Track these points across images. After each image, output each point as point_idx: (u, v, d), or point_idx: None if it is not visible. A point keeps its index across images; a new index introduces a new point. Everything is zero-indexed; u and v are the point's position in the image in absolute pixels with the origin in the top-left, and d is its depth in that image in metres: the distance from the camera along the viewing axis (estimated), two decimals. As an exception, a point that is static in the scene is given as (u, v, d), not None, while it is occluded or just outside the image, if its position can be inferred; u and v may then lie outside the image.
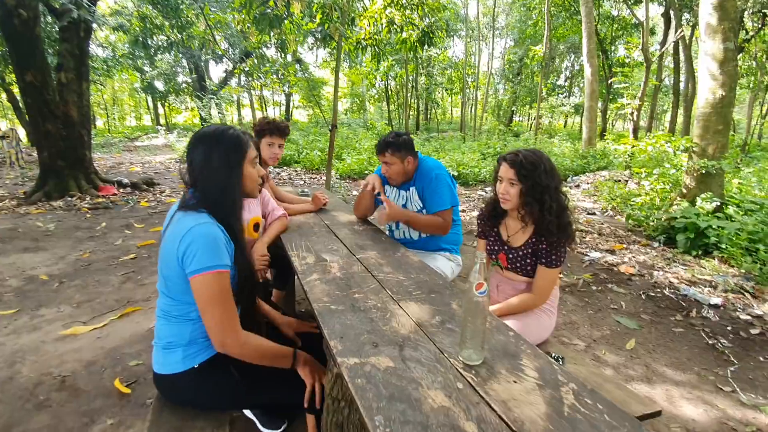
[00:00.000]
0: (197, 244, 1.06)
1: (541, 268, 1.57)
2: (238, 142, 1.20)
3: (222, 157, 1.17)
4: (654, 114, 14.93)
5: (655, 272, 3.71)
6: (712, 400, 2.08)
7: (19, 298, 3.00)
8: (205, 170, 1.16)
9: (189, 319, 1.18)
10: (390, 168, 2.09)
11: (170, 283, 1.14)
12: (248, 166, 1.23)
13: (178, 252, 1.08)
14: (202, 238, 1.07)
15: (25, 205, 5.77)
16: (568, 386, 0.91)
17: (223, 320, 1.09)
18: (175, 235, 1.09)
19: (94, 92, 22.25)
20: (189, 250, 1.06)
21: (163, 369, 1.19)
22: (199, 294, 1.08)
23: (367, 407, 0.83)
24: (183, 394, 1.22)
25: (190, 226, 1.08)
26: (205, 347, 1.20)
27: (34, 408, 1.91)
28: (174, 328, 1.18)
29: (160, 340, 1.20)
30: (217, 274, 1.07)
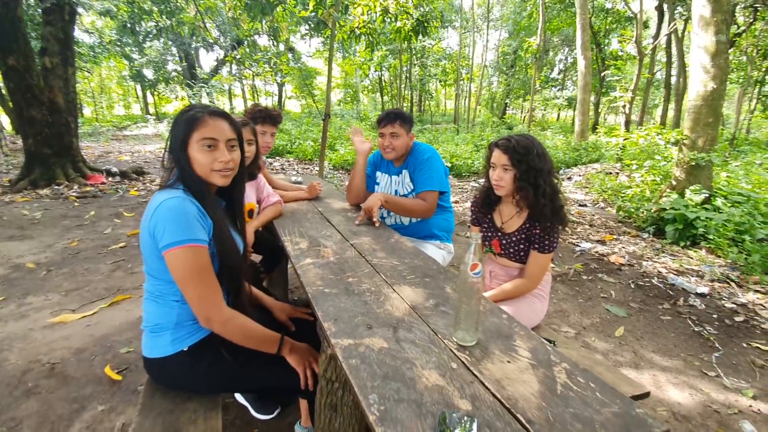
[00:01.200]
0: (166, 218, 1.04)
1: (534, 254, 1.58)
2: (184, 124, 1.14)
3: (173, 137, 1.15)
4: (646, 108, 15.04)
5: (644, 262, 3.76)
6: (697, 385, 2.13)
7: (5, 286, 2.95)
8: (169, 150, 1.17)
9: (173, 300, 1.15)
10: (395, 140, 2.07)
11: (149, 262, 1.12)
12: (193, 148, 1.13)
13: (150, 228, 1.06)
14: (170, 212, 1.04)
15: (10, 193, 5.65)
16: (561, 366, 0.92)
17: (203, 295, 1.07)
18: (148, 211, 1.08)
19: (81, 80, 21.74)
20: (159, 225, 1.04)
21: (152, 353, 1.17)
22: (174, 269, 1.05)
23: (362, 386, 0.83)
24: (173, 377, 1.20)
25: (160, 200, 1.06)
26: (194, 330, 1.19)
27: (22, 395, 1.89)
28: (159, 309, 1.16)
29: (148, 324, 1.18)
30: (190, 248, 1.04)
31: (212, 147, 1.14)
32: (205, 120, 1.14)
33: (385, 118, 2.07)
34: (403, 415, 0.76)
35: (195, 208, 1.09)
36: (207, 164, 1.14)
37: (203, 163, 1.14)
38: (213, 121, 1.15)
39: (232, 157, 1.17)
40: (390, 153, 2.10)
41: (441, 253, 2.19)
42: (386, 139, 2.08)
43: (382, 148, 2.10)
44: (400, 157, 2.16)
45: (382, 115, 2.09)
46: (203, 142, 1.13)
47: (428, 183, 2.04)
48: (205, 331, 1.20)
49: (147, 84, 24.51)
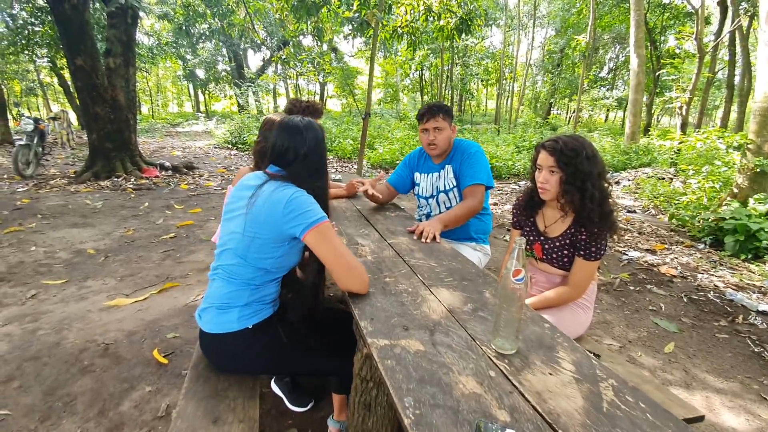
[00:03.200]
0: (303, 206, 1.17)
1: (579, 261, 1.51)
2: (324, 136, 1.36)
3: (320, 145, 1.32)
4: (705, 109, 14.04)
5: (699, 275, 3.51)
6: (755, 410, 1.96)
7: (68, 270, 3.20)
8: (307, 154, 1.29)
9: (251, 285, 1.23)
10: (439, 134, 2.04)
11: (255, 245, 1.20)
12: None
13: (282, 218, 1.16)
14: (305, 201, 1.18)
15: (75, 183, 6.12)
16: (608, 382, 0.87)
17: (353, 264, 1.20)
18: (277, 202, 1.17)
19: (140, 79, 23.17)
20: (294, 212, 1.16)
21: (216, 328, 1.23)
22: (320, 244, 1.17)
23: (397, 388, 0.82)
24: (231, 355, 1.26)
25: (290, 193, 1.18)
26: (260, 309, 1.26)
27: (78, 372, 2.03)
28: (233, 288, 1.23)
29: (215, 301, 1.24)
30: (326, 223, 1.18)
31: None
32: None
33: (427, 112, 2.04)
34: (439, 421, 0.74)
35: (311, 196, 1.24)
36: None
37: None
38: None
39: None
40: (434, 149, 2.07)
41: (477, 255, 2.15)
42: (430, 134, 2.04)
43: (427, 145, 2.07)
44: (441, 153, 2.13)
45: (423, 110, 2.06)
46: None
47: (477, 176, 1.99)
48: (268, 311, 1.28)
49: (199, 83, 25.75)
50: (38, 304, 2.67)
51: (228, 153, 10.45)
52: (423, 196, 2.24)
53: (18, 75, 18.76)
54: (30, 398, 1.84)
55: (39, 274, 3.11)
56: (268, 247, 1.20)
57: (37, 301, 2.71)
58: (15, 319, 2.47)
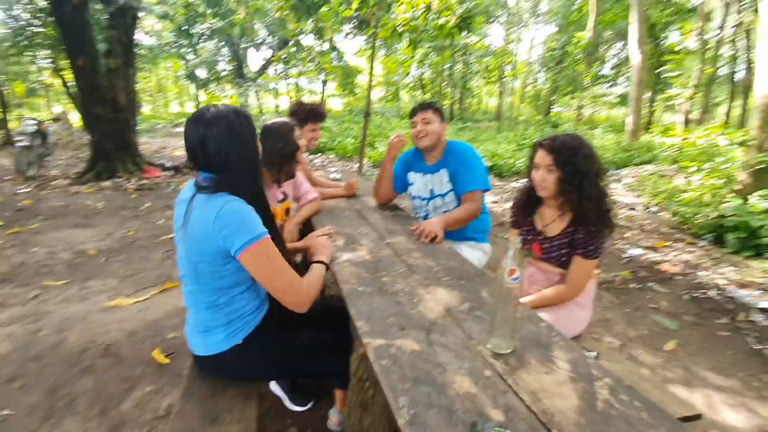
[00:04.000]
0: (234, 222, 1.05)
1: (578, 259, 1.51)
2: (251, 121, 1.18)
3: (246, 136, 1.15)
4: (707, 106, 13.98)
5: (700, 272, 3.50)
6: (756, 408, 1.96)
7: (69, 271, 3.21)
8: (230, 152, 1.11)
9: (218, 305, 1.17)
10: (428, 126, 2.04)
11: (201, 268, 1.12)
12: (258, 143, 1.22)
13: (215, 235, 1.05)
14: (237, 215, 1.06)
15: (77, 184, 6.14)
16: (603, 381, 0.87)
17: (290, 283, 1.13)
18: (206, 220, 1.06)
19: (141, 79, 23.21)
20: (226, 230, 1.05)
21: (205, 351, 1.21)
22: (255, 268, 1.08)
23: (392, 388, 0.83)
24: (227, 369, 1.25)
25: (219, 206, 1.06)
26: (246, 323, 1.22)
27: (79, 372, 2.04)
28: (206, 313, 1.18)
29: (196, 327, 1.21)
30: (264, 241, 1.08)
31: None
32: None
33: (417, 107, 2.07)
34: (433, 421, 0.75)
35: (250, 207, 1.12)
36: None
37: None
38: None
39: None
40: (423, 140, 2.05)
41: (477, 254, 2.15)
42: (419, 125, 2.05)
43: (416, 137, 2.06)
44: (434, 154, 2.12)
45: (413, 107, 2.09)
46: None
47: (475, 182, 2.00)
48: (256, 321, 1.25)
49: (199, 83, 25.76)
50: (40, 305, 2.69)
51: (229, 153, 10.46)
52: (418, 196, 2.23)
53: (20, 76, 18.82)
54: (32, 398, 1.86)
55: (41, 274, 3.13)
56: (216, 267, 1.11)
57: (39, 302, 2.73)
58: (17, 320, 2.49)
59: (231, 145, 1.11)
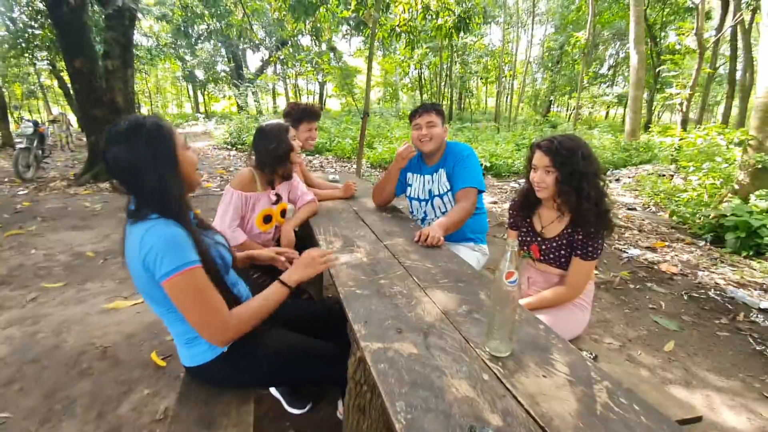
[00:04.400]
0: (155, 249, 0.98)
1: (576, 260, 1.50)
2: (165, 137, 1.05)
3: (153, 158, 1.02)
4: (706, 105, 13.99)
5: (700, 272, 3.50)
6: (757, 409, 1.95)
7: (67, 273, 3.20)
8: (135, 171, 1.02)
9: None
10: (432, 129, 2.03)
11: (149, 291, 1.07)
12: (181, 151, 1.08)
13: (142, 264, 1.00)
14: (159, 242, 0.98)
15: (75, 186, 6.12)
16: (602, 384, 0.87)
17: (206, 319, 1.04)
18: (132, 248, 1.01)
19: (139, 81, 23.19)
20: (148, 258, 0.98)
21: (192, 362, 1.19)
22: (175, 297, 1.01)
23: (389, 392, 0.82)
24: (216, 379, 1.23)
25: (141, 234, 0.99)
26: None
27: (77, 375, 2.03)
28: (184, 327, 1.14)
29: (179, 338, 1.19)
30: (188, 272, 0.99)
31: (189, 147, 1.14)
32: (171, 128, 1.08)
33: (420, 109, 2.05)
34: (431, 425, 0.74)
35: (179, 229, 1.03)
36: (194, 163, 1.13)
37: (193, 162, 1.13)
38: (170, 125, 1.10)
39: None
40: (428, 143, 2.04)
41: (475, 255, 2.14)
42: (423, 128, 2.03)
43: (419, 140, 2.05)
44: (435, 156, 2.12)
45: (415, 108, 2.07)
46: (186, 143, 1.12)
47: (469, 180, 1.99)
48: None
49: (198, 84, 25.76)
50: (38, 307, 2.67)
51: (227, 154, 10.44)
52: (416, 198, 2.23)
53: (19, 78, 18.81)
54: (30, 401, 1.85)
55: (39, 277, 3.11)
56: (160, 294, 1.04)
57: (37, 304, 2.71)
58: (15, 322, 2.48)
59: (135, 162, 1.01)
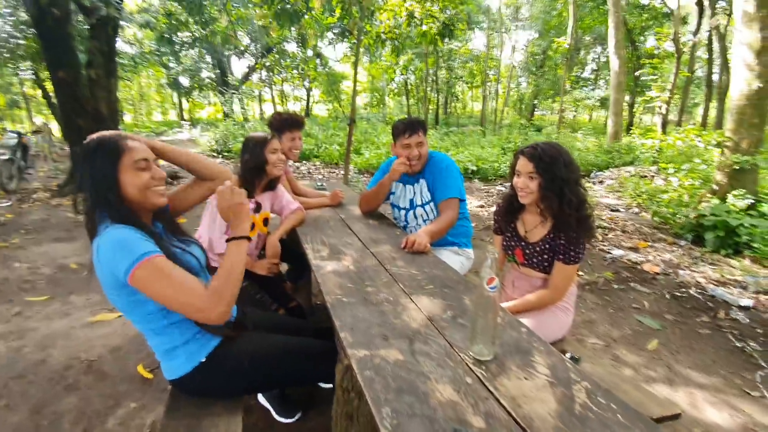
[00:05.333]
0: (110, 252, 1.00)
1: (559, 265, 1.54)
2: (106, 157, 1.08)
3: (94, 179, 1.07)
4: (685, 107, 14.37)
5: (681, 271, 3.59)
6: (738, 405, 2.01)
7: (51, 286, 3.14)
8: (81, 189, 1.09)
9: (165, 325, 1.14)
10: (422, 149, 2.05)
11: (121, 303, 1.09)
12: (126, 175, 1.09)
13: (104, 271, 1.03)
14: (110, 244, 1.01)
15: (58, 197, 6.02)
16: (581, 384, 0.90)
17: (186, 300, 1.03)
18: (96, 261, 1.04)
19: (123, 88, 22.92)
20: (107, 263, 1.01)
21: (173, 374, 1.19)
22: (145, 290, 1.01)
23: (375, 399, 0.84)
24: (200, 389, 1.23)
25: (96, 245, 1.04)
26: (205, 341, 1.20)
27: (63, 390, 2.00)
28: (160, 338, 1.16)
29: (158, 352, 1.19)
30: (146, 262, 1.00)
31: (146, 168, 1.12)
32: (128, 144, 1.11)
33: (408, 128, 2.04)
34: (416, 430, 0.76)
35: (129, 230, 1.05)
36: (144, 184, 1.11)
37: (139, 184, 1.10)
38: (135, 143, 1.13)
39: (162, 173, 1.17)
40: (418, 164, 2.08)
41: (459, 259, 2.17)
42: (413, 149, 2.04)
43: (408, 160, 2.06)
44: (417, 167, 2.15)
45: (404, 125, 2.05)
46: (137, 164, 1.10)
47: (450, 191, 2.03)
48: (217, 338, 1.22)
49: (183, 91, 25.54)
50: (23, 322, 2.62)
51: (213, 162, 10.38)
52: (397, 206, 2.26)
53: (2, 88, 18.45)
54: (17, 417, 1.81)
55: (23, 291, 3.05)
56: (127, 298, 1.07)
57: (22, 319, 2.66)
58: (0, 338, 2.43)
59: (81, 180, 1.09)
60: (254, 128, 14.56)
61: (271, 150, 1.93)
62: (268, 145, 1.93)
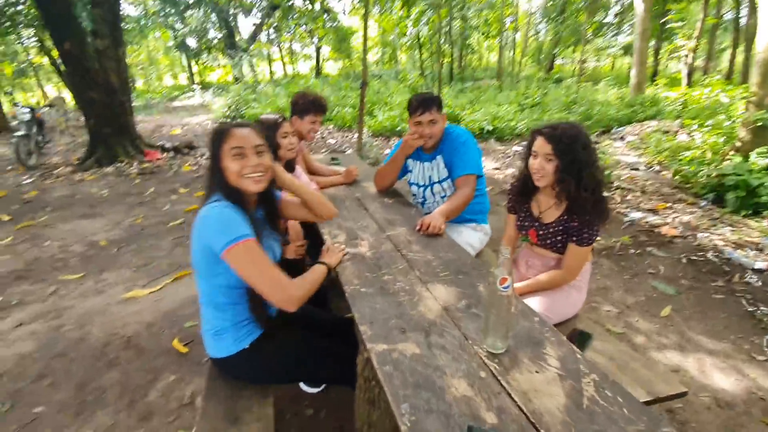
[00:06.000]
0: (213, 224, 1.16)
1: (572, 246, 1.55)
2: (214, 140, 1.26)
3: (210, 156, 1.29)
4: (712, 52, 13.46)
5: (699, 234, 3.55)
6: (744, 370, 2.07)
7: (83, 263, 3.31)
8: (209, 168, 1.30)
9: (228, 303, 1.27)
10: (434, 127, 2.04)
11: (202, 269, 1.24)
12: (225, 159, 1.24)
13: (202, 238, 1.17)
14: (215, 218, 1.16)
15: (79, 171, 6.17)
16: (590, 377, 0.94)
17: (272, 282, 1.17)
18: (196, 225, 1.20)
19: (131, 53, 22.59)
20: (208, 232, 1.16)
21: (217, 353, 1.31)
22: (237, 266, 1.15)
23: (394, 394, 0.90)
24: (239, 372, 1.35)
25: (202, 214, 1.19)
26: (252, 329, 1.31)
27: (105, 366, 2.17)
28: (217, 313, 1.28)
29: (208, 328, 1.30)
30: (243, 244, 1.14)
31: (240, 155, 1.23)
32: (231, 132, 1.25)
33: (421, 105, 2.01)
34: (432, 426, 0.82)
35: (234, 211, 1.19)
36: (237, 171, 1.23)
37: (234, 170, 1.23)
38: (238, 131, 1.25)
39: (260, 161, 1.26)
40: (430, 141, 2.07)
41: (477, 236, 2.20)
42: (425, 127, 2.03)
43: (421, 138, 2.06)
44: (433, 143, 2.14)
45: (417, 102, 2.03)
46: (232, 151, 1.23)
47: (467, 167, 2.02)
48: (260, 330, 1.33)
49: (191, 53, 25.04)
50: (59, 300, 2.80)
51: (227, 128, 10.35)
52: (416, 183, 2.26)
53: (8, 57, 18.39)
54: (62, 394, 1.99)
55: (56, 269, 3.23)
56: (209, 264, 1.21)
57: (58, 297, 2.84)
58: (39, 317, 2.61)
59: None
60: (264, 91, 14.35)
61: (282, 134, 1.94)
62: (280, 129, 1.94)
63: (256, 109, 10.87)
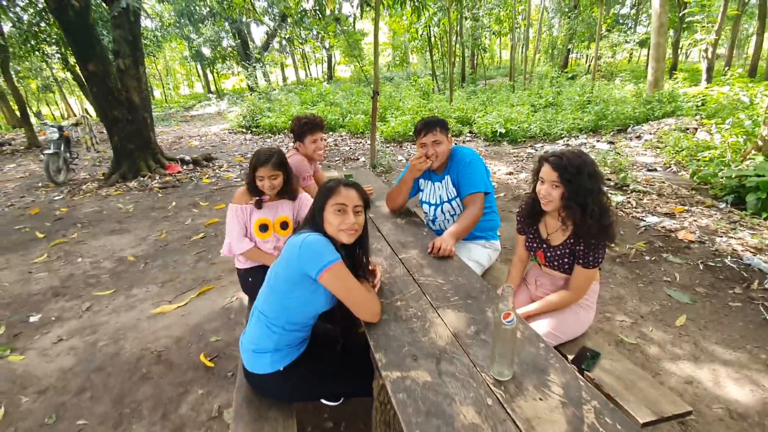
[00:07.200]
0: (312, 250, 1.30)
1: (578, 268, 1.61)
2: (324, 192, 1.43)
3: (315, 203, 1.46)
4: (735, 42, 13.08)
5: (718, 238, 3.52)
6: (760, 380, 2.07)
7: (114, 280, 3.49)
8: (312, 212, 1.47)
9: (279, 327, 1.39)
10: (438, 148, 2.12)
11: (280, 288, 1.37)
12: (328, 211, 1.40)
13: (297, 261, 1.31)
14: (314, 245, 1.31)
15: (105, 186, 6.44)
16: (591, 404, 1.01)
17: (364, 300, 1.34)
18: (291, 250, 1.33)
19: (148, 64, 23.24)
20: (306, 255, 1.29)
21: (254, 369, 1.44)
22: (334, 284, 1.31)
23: (408, 422, 0.99)
24: (269, 389, 1.50)
25: (302, 238, 1.32)
26: (288, 353, 1.45)
27: (139, 379, 2.31)
28: (265, 332, 1.41)
29: (251, 343, 1.44)
30: (339, 264, 1.30)
31: (342, 212, 1.39)
32: (338, 190, 1.41)
33: (425, 127, 2.11)
34: (442, 454, 0.91)
35: (324, 239, 1.36)
36: (336, 224, 1.39)
37: (334, 223, 1.39)
38: (344, 191, 1.41)
39: (357, 220, 1.41)
40: (436, 162, 2.15)
41: (486, 252, 2.26)
42: (429, 147, 2.12)
43: (427, 159, 2.14)
44: (440, 165, 2.22)
45: (421, 125, 2.13)
46: (336, 207, 1.39)
47: (474, 185, 2.09)
48: (296, 354, 1.47)
49: (206, 62, 25.64)
50: (93, 316, 2.97)
51: (243, 138, 10.59)
52: (427, 202, 2.35)
53: (32, 73, 19.20)
54: (102, 407, 2.13)
55: (89, 285, 3.42)
56: (287, 284, 1.35)
57: (92, 313, 3.01)
58: (76, 333, 2.78)
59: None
60: (278, 99, 14.58)
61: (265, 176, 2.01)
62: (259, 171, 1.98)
63: (271, 119, 11.08)
